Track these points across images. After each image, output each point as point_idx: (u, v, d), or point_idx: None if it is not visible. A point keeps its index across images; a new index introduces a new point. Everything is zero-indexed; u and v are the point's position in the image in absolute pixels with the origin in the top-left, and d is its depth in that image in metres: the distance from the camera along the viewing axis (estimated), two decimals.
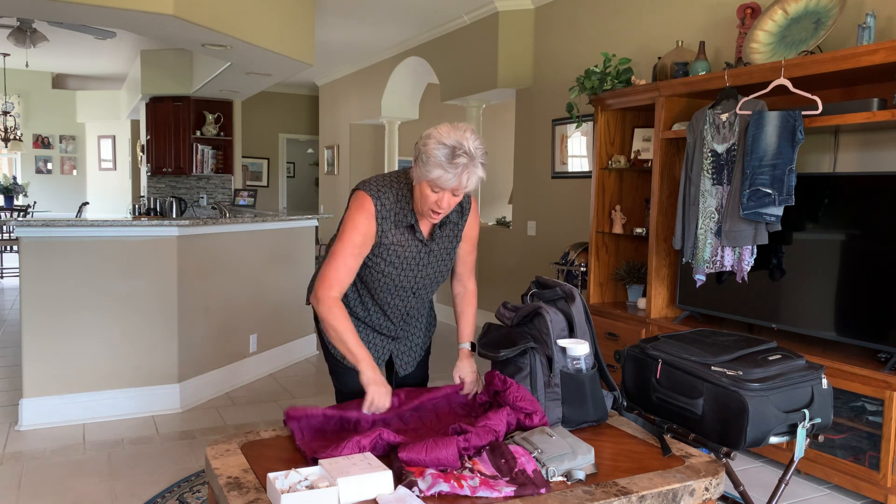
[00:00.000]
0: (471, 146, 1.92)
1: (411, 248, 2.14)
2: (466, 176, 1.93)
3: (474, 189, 2.02)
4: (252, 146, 11.24)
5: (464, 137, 1.92)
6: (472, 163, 1.92)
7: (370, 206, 2.06)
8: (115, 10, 4.22)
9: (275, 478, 1.61)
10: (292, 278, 5.28)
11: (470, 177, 1.93)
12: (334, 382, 2.38)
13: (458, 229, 2.23)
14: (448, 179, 1.92)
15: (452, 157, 1.90)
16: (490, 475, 1.69)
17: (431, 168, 1.92)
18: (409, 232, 2.12)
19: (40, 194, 11.86)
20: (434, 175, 1.92)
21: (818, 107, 3.11)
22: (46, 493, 3.00)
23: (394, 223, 2.09)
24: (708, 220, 3.48)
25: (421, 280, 2.21)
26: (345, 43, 7.91)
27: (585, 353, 2.10)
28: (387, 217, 2.08)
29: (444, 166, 1.91)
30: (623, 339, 4.12)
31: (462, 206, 2.21)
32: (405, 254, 2.14)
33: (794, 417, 2.13)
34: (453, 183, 1.93)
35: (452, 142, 1.91)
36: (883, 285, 3.00)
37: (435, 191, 1.97)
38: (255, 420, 4.01)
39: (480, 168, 1.95)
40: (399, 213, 2.09)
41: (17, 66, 10.67)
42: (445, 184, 1.93)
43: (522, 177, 6.19)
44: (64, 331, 3.84)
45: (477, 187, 2.04)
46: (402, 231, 2.11)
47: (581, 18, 5.39)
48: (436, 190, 1.97)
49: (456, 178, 1.92)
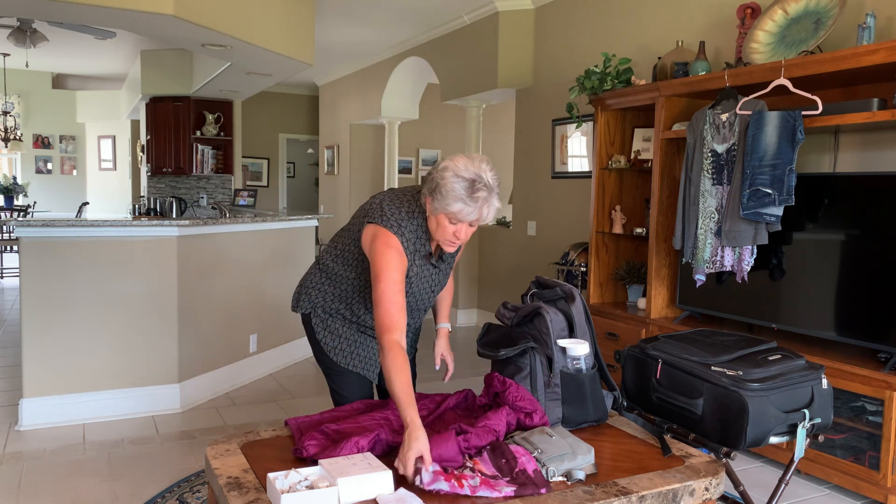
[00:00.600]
0: (489, 178, 1.93)
1: (426, 272, 2.19)
2: (487, 209, 1.95)
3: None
4: (252, 146, 11.24)
5: (481, 170, 1.94)
6: (491, 195, 1.94)
7: (397, 243, 2.05)
8: (115, 10, 4.22)
9: (275, 478, 1.61)
10: (292, 278, 5.28)
11: (490, 209, 1.95)
12: (330, 385, 2.37)
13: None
14: (469, 213, 1.94)
15: (472, 190, 1.92)
16: (490, 475, 1.69)
17: (451, 202, 1.93)
18: (426, 259, 2.17)
19: (40, 194, 11.86)
20: (455, 209, 1.94)
21: (818, 107, 3.11)
22: (46, 493, 3.00)
23: (413, 252, 2.11)
24: (708, 220, 3.48)
25: (427, 294, 2.26)
26: (345, 43, 7.91)
27: (585, 353, 2.10)
28: (411, 251, 2.10)
29: (464, 200, 1.92)
30: (623, 339, 4.12)
31: None
32: (422, 279, 2.19)
33: (794, 417, 2.13)
34: (474, 216, 1.95)
35: (471, 175, 1.92)
36: (883, 285, 3.00)
37: (453, 223, 1.99)
38: (255, 420, 4.01)
39: (496, 199, 1.97)
40: (418, 243, 2.12)
41: (17, 66, 10.67)
42: (466, 217, 1.95)
43: (522, 177, 6.19)
44: (64, 331, 3.84)
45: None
46: (422, 260, 2.15)
47: (581, 18, 5.39)
48: (454, 222, 1.99)
49: (476, 211, 1.94)
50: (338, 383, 2.33)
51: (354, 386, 2.31)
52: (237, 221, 4.61)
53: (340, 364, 2.29)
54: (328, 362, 2.33)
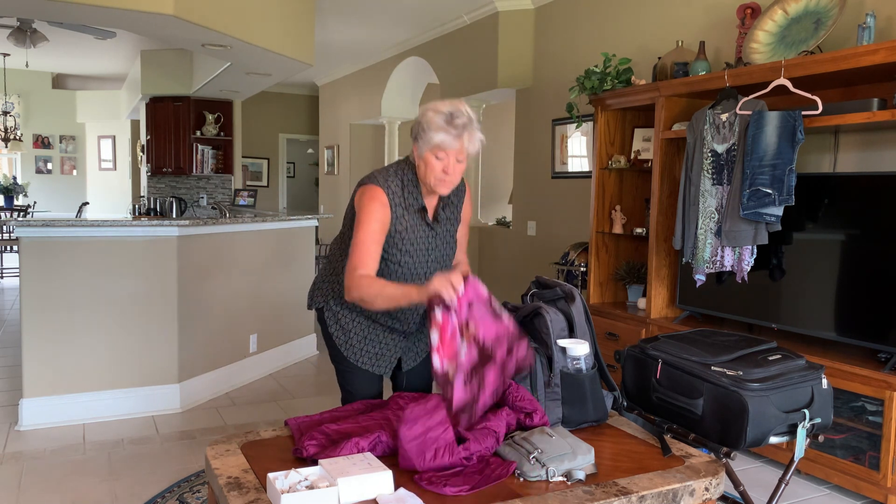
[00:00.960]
0: (467, 110, 2.00)
1: (420, 232, 2.18)
2: (468, 136, 1.99)
3: (475, 156, 2.07)
4: (252, 146, 11.24)
5: (459, 103, 2.02)
6: (472, 125, 1.99)
7: (381, 195, 2.10)
8: (115, 10, 4.22)
9: (275, 478, 1.61)
10: (292, 278, 5.28)
11: (471, 138, 2.00)
12: (342, 385, 2.37)
13: (458, 211, 2.28)
14: (451, 142, 1.98)
15: (452, 119, 1.98)
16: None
17: (433, 134, 1.99)
18: (417, 216, 2.16)
19: (40, 194, 11.86)
20: (437, 139, 1.98)
21: (818, 107, 3.11)
22: (46, 493, 3.00)
23: (405, 208, 2.13)
24: (708, 220, 3.48)
25: (431, 265, 2.23)
26: (345, 43, 7.91)
27: (585, 353, 2.10)
28: (398, 203, 2.12)
29: (445, 129, 1.97)
30: (623, 339, 4.12)
31: (458, 188, 2.26)
32: (415, 239, 2.17)
33: (794, 417, 2.13)
34: (456, 145, 1.99)
35: (449, 108, 2.00)
36: (883, 285, 3.00)
37: (439, 157, 2.02)
38: (255, 420, 4.01)
39: (479, 131, 2.02)
40: (408, 198, 2.14)
41: (17, 66, 10.67)
42: (449, 146, 1.99)
43: (522, 177, 6.19)
44: (64, 331, 3.84)
45: (478, 153, 2.08)
46: (413, 215, 2.15)
47: (581, 18, 5.39)
48: (440, 156, 2.02)
49: (458, 139, 1.98)
50: (348, 381, 2.34)
51: (363, 384, 2.31)
52: (237, 221, 4.61)
53: (350, 360, 2.29)
54: (339, 358, 2.33)
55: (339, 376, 2.38)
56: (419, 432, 1.72)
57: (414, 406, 1.79)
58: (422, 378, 2.44)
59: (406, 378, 2.42)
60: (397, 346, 2.34)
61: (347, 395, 2.36)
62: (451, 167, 2.04)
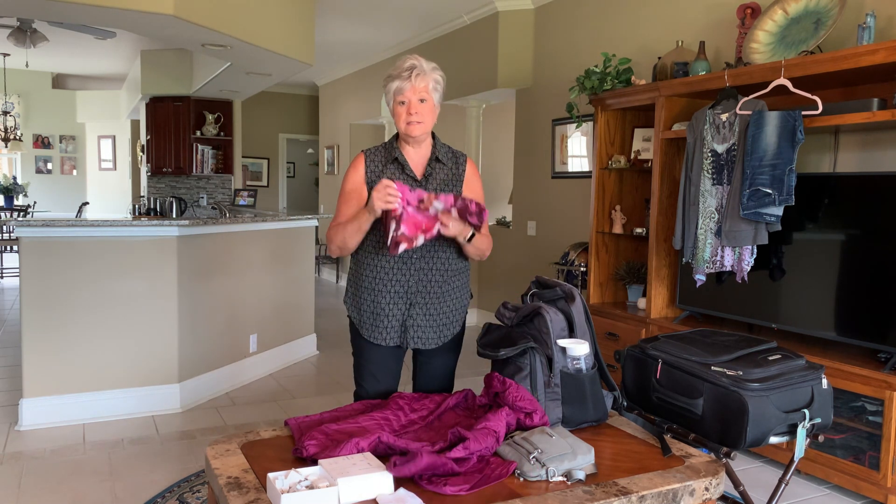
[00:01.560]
0: (415, 59, 2.25)
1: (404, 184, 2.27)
2: (416, 76, 2.21)
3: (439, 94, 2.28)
4: (252, 146, 11.24)
5: (409, 57, 2.28)
6: (420, 67, 2.23)
7: (359, 158, 2.36)
8: (115, 10, 4.23)
9: (275, 478, 1.61)
10: (292, 278, 5.28)
11: (421, 76, 2.22)
12: (356, 379, 2.46)
13: (455, 175, 2.37)
14: (403, 86, 2.22)
15: (400, 68, 2.24)
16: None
17: (389, 85, 2.25)
18: (397, 168, 2.31)
19: (40, 194, 11.86)
20: (393, 87, 2.24)
21: (818, 107, 3.11)
22: (46, 493, 3.00)
23: (382, 163, 2.33)
24: (708, 220, 3.48)
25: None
26: (345, 43, 7.91)
27: (585, 353, 2.10)
28: (375, 160, 2.34)
29: (397, 77, 2.23)
30: (623, 339, 4.12)
31: (455, 155, 2.41)
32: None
33: (794, 417, 2.13)
34: (408, 86, 2.21)
35: (402, 61, 2.26)
36: (883, 285, 3.00)
37: (402, 102, 2.25)
38: (255, 420, 4.02)
39: (435, 73, 2.26)
40: (386, 153, 2.35)
41: (17, 66, 10.67)
42: (404, 89, 2.22)
43: (522, 177, 6.19)
44: (64, 331, 3.84)
45: (440, 91, 2.29)
46: (392, 169, 2.31)
47: (581, 18, 5.39)
48: (402, 101, 2.24)
49: (408, 80, 2.21)
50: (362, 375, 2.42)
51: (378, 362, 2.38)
52: (237, 221, 4.61)
53: (364, 335, 2.38)
54: (359, 343, 2.42)
55: (355, 371, 2.46)
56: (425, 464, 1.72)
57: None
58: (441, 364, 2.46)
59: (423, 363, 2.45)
60: (399, 311, 2.34)
61: (360, 389, 2.43)
62: (414, 106, 2.23)
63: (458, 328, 2.45)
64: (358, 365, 2.45)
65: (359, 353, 2.44)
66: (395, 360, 2.42)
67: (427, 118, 2.27)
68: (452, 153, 2.40)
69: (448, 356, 2.46)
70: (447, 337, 2.41)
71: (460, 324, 2.46)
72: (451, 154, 2.39)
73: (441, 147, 2.38)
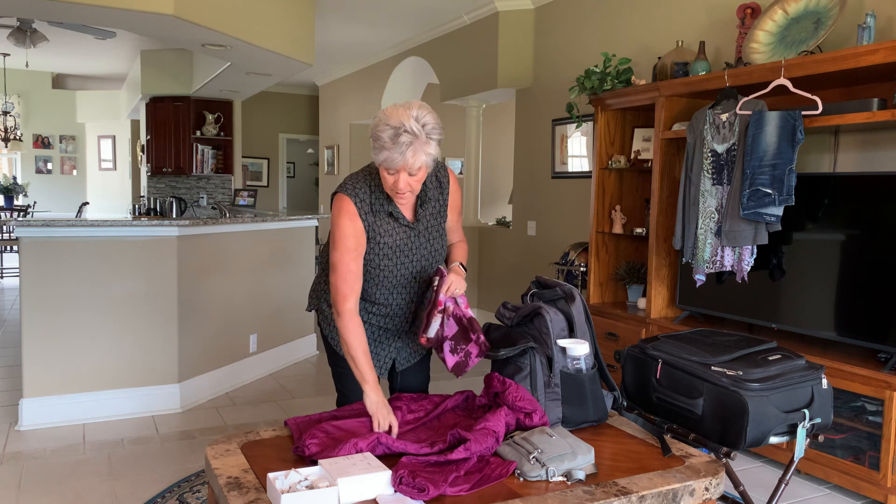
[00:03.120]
0: (412, 126, 1.90)
1: (398, 234, 2.14)
2: (412, 153, 1.91)
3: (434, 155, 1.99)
4: (252, 146, 11.24)
5: (406, 116, 1.91)
6: (417, 140, 1.91)
7: (350, 205, 2.07)
8: (115, 10, 4.23)
9: (275, 478, 1.61)
10: (292, 278, 5.28)
11: (416, 154, 1.92)
12: (338, 387, 2.38)
13: (441, 205, 2.22)
14: (395, 160, 1.92)
15: (396, 137, 1.90)
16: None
17: (378, 152, 1.94)
18: (390, 219, 2.12)
19: (40, 194, 11.86)
20: (382, 158, 1.94)
21: (818, 107, 3.11)
22: (46, 493, 3.00)
23: (374, 214, 2.10)
24: (708, 220, 3.48)
25: (418, 263, 2.20)
26: (345, 43, 7.91)
27: (585, 353, 2.10)
28: (367, 211, 2.09)
29: (388, 147, 1.91)
30: (623, 339, 4.12)
31: (440, 181, 2.21)
32: (394, 242, 2.14)
33: (794, 417, 2.13)
34: (399, 162, 1.92)
35: (395, 122, 1.91)
36: (883, 285, 3.00)
37: (390, 173, 1.97)
38: (255, 420, 4.02)
39: (430, 145, 1.94)
40: (375, 204, 2.10)
41: (17, 66, 10.67)
42: (392, 164, 1.93)
43: (522, 177, 6.19)
44: (64, 331, 3.84)
45: (429, 164, 2.01)
46: (383, 220, 2.11)
47: (581, 18, 5.39)
48: (391, 172, 1.97)
49: (402, 157, 1.91)
50: (344, 383, 2.32)
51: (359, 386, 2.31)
52: (237, 221, 4.61)
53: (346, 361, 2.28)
54: (335, 359, 2.34)
55: (335, 379, 2.38)
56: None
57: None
58: (416, 379, 2.44)
59: (401, 378, 2.42)
60: (391, 345, 2.34)
61: (343, 398, 2.36)
62: (401, 182, 1.98)
63: None
64: (337, 374, 2.38)
65: (336, 366, 2.37)
66: None
67: (416, 188, 2.04)
68: (437, 180, 2.20)
69: (423, 367, 2.46)
70: (423, 352, 2.42)
71: None
72: (436, 181, 2.21)
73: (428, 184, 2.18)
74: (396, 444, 1.82)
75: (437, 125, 1.96)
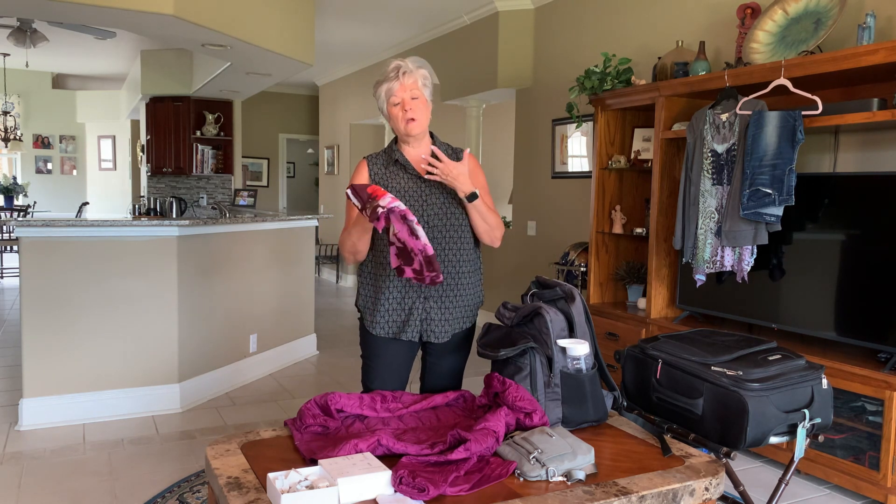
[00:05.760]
0: (400, 61, 2.33)
1: (407, 183, 2.36)
2: (404, 74, 2.28)
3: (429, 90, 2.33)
4: (252, 146, 11.24)
5: (393, 59, 2.35)
6: (405, 66, 2.30)
7: (361, 164, 2.42)
8: (115, 10, 4.23)
9: (275, 478, 1.61)
10: (292, 278, 5.28)
11: (408, 74, 2.28)
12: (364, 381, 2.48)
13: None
14: (393, 86, 2.29)
15: (387, 72, 2.32)
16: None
17: (379, 91, 2.32)
18: (399, 169, 2.38)
19: (40, 194, 11.86)
20: (383, 90, 2.31)
21: (818, 107, 3.11)
22: (46, 493, 3.00)
23: (384, 165, 2.40)
24: (708, 220, 3.48)
25: (434, 217, 2.32)
26: (345, 43, 7.91)
27: (585, 353, 2.10)
28: (377, 163, 2.41)
29: (385, 80, 2.31)
30: (623, 339, 4.12)
31: (455, 151, 2.43)
32: (402, 189, 2.35)
33: (794, 417, 2.13)
34: (397, 85, 2.28)
35: (385, 68, 2.34)
36: (883, 285, 3.00)
37: (395, 103, 2.30)
38: (255, 420, 4.02)
39: (420, 69, 2.32)
40: (386, 157, 2.42)
41: (17, 66, 10.67)
42: (394, 89, 2.28)
43: (522, 177, 6.19)
44: (64, 331, 3.84)
45: (429, 87, 2.34)
46: (393, 171, 2.38)
47: (581, 18, 5.39)
48: (395, 102, 2.30)
49: (398, 80, 2.28)
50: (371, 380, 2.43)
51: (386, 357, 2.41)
52: (237, 221, 4.61)
53: (370, 329, 2.40)
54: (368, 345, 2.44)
55: (363, 373, 2.47)
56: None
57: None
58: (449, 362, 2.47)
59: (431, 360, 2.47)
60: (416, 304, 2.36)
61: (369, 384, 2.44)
62: (407, 103, 2.29)
63: (469, 323, 2.47)
64: (366, 367, 2.46)
65: (368, 353, 2.45)
66: (405, 360, 2.43)
67: (422, 114, 2.32)
68: (452, 150, 2.44)
69: (457, 355, 2.47)
70: (459, 329, 2.43)
71: (472, 320, 2.48)
72: (451, 151, 2.43)
73: (440, 145, 2.42)
74: (397, 445, 1.82)
75: (425, 63, 2.28)
